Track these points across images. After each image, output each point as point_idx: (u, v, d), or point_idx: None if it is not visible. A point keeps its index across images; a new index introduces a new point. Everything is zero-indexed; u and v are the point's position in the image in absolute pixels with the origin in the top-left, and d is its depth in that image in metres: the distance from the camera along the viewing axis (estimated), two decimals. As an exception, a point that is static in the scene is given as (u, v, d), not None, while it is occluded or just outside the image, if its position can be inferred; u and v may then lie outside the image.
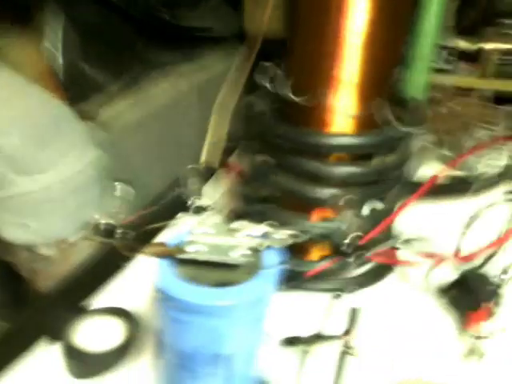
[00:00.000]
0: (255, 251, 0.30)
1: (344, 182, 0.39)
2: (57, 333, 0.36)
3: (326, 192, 0.39)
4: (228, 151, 0.64)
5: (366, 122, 0.39)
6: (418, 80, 0.62)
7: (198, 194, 0.34)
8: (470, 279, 0.40)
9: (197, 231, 0.30)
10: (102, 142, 0.87)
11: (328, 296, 0.42)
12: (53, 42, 0.85)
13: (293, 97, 0.38)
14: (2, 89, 0.64)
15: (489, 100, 0.77)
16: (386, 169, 0.41)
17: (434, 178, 0.39)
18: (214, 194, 0.57)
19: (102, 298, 0.42)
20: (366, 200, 0.45)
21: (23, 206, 0.69)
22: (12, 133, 0.62)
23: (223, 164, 0.61)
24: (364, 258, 0.28)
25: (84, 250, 0.57)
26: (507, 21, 1.07)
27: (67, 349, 0.35)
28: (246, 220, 0.31)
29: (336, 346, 0.36)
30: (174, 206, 0.44)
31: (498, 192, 0.58)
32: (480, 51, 1.18)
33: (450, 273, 0.43)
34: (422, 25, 0.60)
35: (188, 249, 0.29)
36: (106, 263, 0.47)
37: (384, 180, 0.42)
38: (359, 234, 0.29)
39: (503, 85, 0.81)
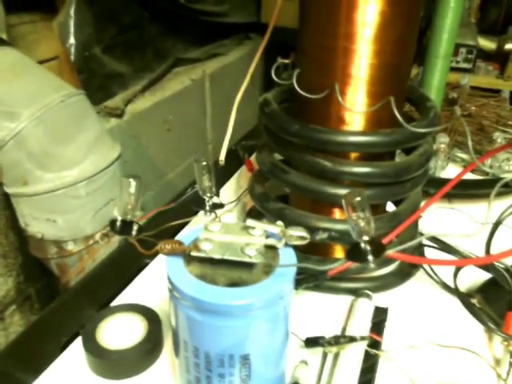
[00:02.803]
0: (271, 249, 0.30)
1: (364, 182, 0.38)
2: (80, 329, 0.36)
3: (343, 192, 0.38)
4: (250, 149, 0.64)
5: (382, 120, 0.38)
6: (434, 79, 0.61)
7: (211, 191, 0.33)
8: (505, 278, 0.38)
9: (211, 228, 0.30)
10: (115, 128, 0.88)
11: (351, 296, 0.41)
12: (65, 20, 0.86)
13: (304, 93, 0.37)
14: (30, 85, 0.66)
15: (506, 101, 0.73)
16: (406, 168, 0.39)
17: (458, 177, 0.37)
18: (234, 193, 0.57)
19: (125, 295, 0.42)
20: (387, 200, 0.44)
21: (50, 202, 0.71)
22: (36, 129, 0.63)
23: (244, 163, 0.61)
24: (383, 257, 0.27)
25: (109, 247, 0.58)
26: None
27: (89, 345, 0.35)
28: (262, 219, 0.30)
29: (361, 347, 0.35)
30: (194, 203, 0.44)
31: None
32: (501, 50, 1.14)
33: (478, 272, 0.42)
34: (439, 21, 0.58)
35: (202, 246, 0.28)
36: (130, 260, 0.47)
37: (406, 180, 0.40)
38: (377, 233, 0.28)
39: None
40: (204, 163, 0.33)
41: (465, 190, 0.53)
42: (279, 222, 0.30)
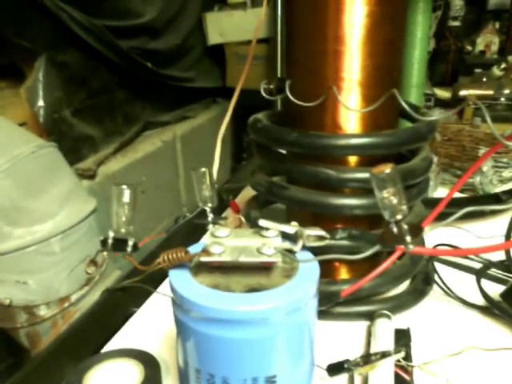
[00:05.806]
0: (288, 252, 0.27)
1: (369, 188, 0.36)
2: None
3: (347, 202, 0.36)
4: (233, 193, 0.63)
5: (379, 124, 0.37)
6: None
7: (212, 201, 0.30)
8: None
9: (218, 234, 0.27)
10: (87, 190, 0.85)
11: (366, 322, 0.38)
12: (34, 84, 0.85)
13: (300, 102, 0.36)
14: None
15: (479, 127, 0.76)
16: (412, 171, 0.38)
17: (451, 192, 0.36)
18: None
19: (112, 344, 0.37)
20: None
21: (20, 261, 0.65)
22: (5, 182, 0.59)
23: (229, 205, 0.59)
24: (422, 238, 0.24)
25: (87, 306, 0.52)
26: (477, 70, 1.14)
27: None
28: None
29: (391, 367, 0.31)
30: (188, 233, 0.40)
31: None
32: (456, 97, 1.24)
33: (495, 283, 0.40)
34: (409, 53, 0.61)
35: (213, 250, 0.25)
36: (114, 311, 0.42)
37: (411, 185, 0.39)
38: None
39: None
40: (203, 170, 0.30)
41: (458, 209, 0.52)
42: (294, 222, 0.27)
